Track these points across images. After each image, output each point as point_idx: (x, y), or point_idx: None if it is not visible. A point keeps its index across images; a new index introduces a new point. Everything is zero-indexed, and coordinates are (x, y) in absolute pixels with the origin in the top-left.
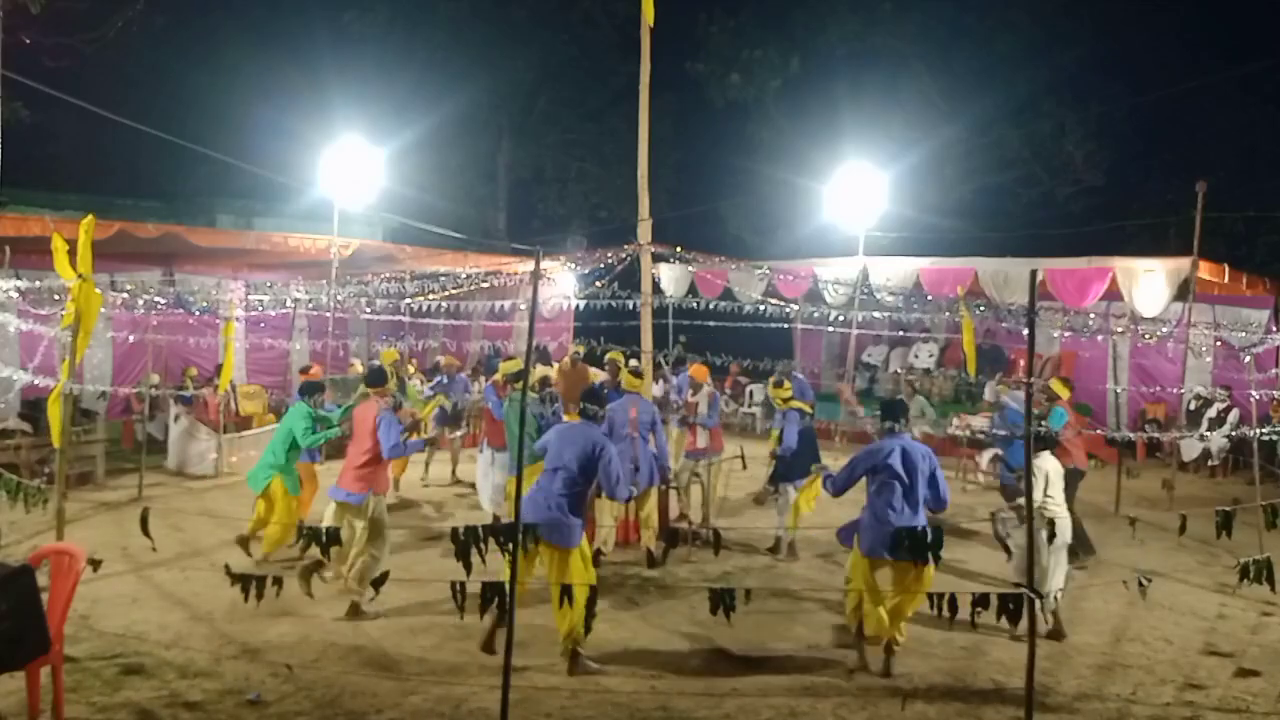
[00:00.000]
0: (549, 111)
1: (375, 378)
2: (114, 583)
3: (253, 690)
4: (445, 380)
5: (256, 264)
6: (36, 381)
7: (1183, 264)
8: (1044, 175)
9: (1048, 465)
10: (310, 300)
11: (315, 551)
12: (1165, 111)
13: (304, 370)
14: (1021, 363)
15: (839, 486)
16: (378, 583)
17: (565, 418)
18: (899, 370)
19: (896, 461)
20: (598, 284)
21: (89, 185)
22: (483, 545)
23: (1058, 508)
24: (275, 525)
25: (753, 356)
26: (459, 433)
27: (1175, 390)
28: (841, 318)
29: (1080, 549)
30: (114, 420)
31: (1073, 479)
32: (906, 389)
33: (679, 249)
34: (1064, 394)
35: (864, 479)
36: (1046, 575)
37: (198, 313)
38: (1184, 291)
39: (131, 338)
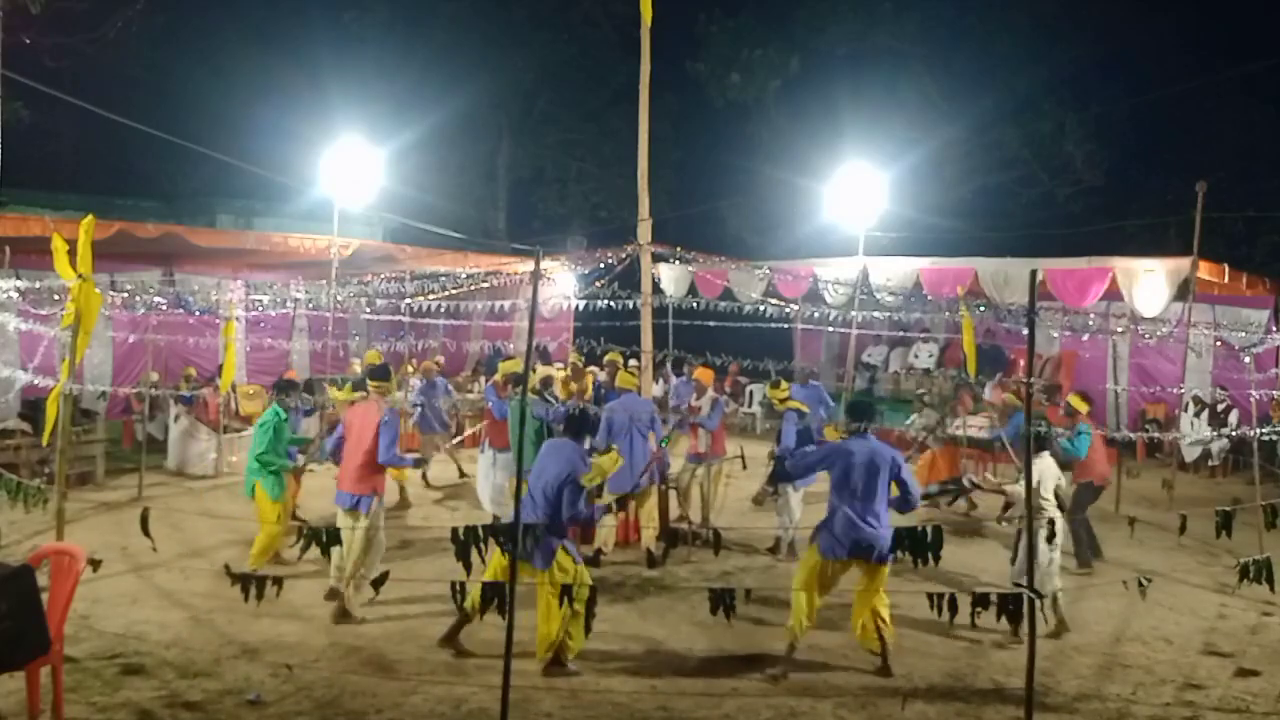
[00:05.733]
0: (549, 112)
1: (378, 373)
2: (114, 583)
3: (253, 690)
4: (426, 385)
5: (256, 264)
6: (36, 381)
7: (1183, 264)
8: (1044, 175)
9: (1043, 466)
10: (310, 300)
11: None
12: (1165, 111)
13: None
14: (1021, 363)
15: (796, 468)
16: (377, 583)
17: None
18: (899, 371)
19: (859, 464)
20: (598, 284)
21: (89, 185)
22: (483, 545)
23: (1053, 510)
24: (262, 535)
25: (753, 356)
26: (454, 438)
27: (1175, 390)
28: (841, 318)
29: (1091, 550)
30: (114, 420)
31: (1090, 494)
32: (917, 404)
33: (679, 249)
34: (1083, 408)
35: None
36: (1047, 577)
37: (198, 313)
38: (1184, 291)
39: (131, 338)
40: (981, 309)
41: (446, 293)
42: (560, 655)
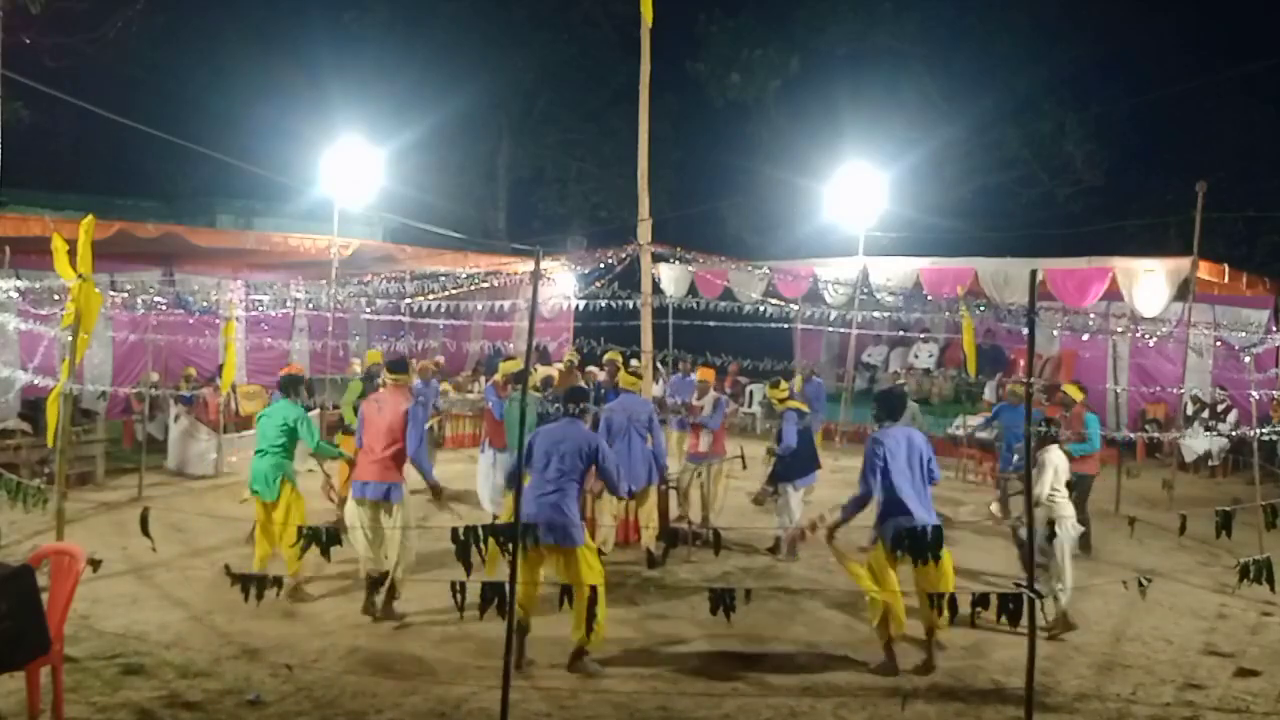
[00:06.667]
0: (549, 111)
1: (398, 365)
2: (114, 583)
3: (253, 690)
4: (421, 385)
5: (256, 264)
6: (36, 381)
7: (1183, 264)
8: (1044, 175)
9: (1055, 459)
10: (310, 300)
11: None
12: (1165, 111)
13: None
14: (1021, 363)
15: (865, 496)
16: (377, 582)
17: None
18: (898, 371)
19: (897, 453)
20: (598, 284)
21: (89, 185)
22: (483, 545)
23: (1064, 502)
24: (292, 535)
25: (753, 356)
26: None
27: (1175, 390)
28: (841, 318)
29: (1081, 548)
30: (114, 420)
31: (1084, 485)
32: None
33: (679, 249)
34: (1079, 396)
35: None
36: (1061, 572)
37: (198, 313)
38: (1184, 291)
39: (131, 338)
40: (981, 309)
41: (446, 293)
42: (583, 647)
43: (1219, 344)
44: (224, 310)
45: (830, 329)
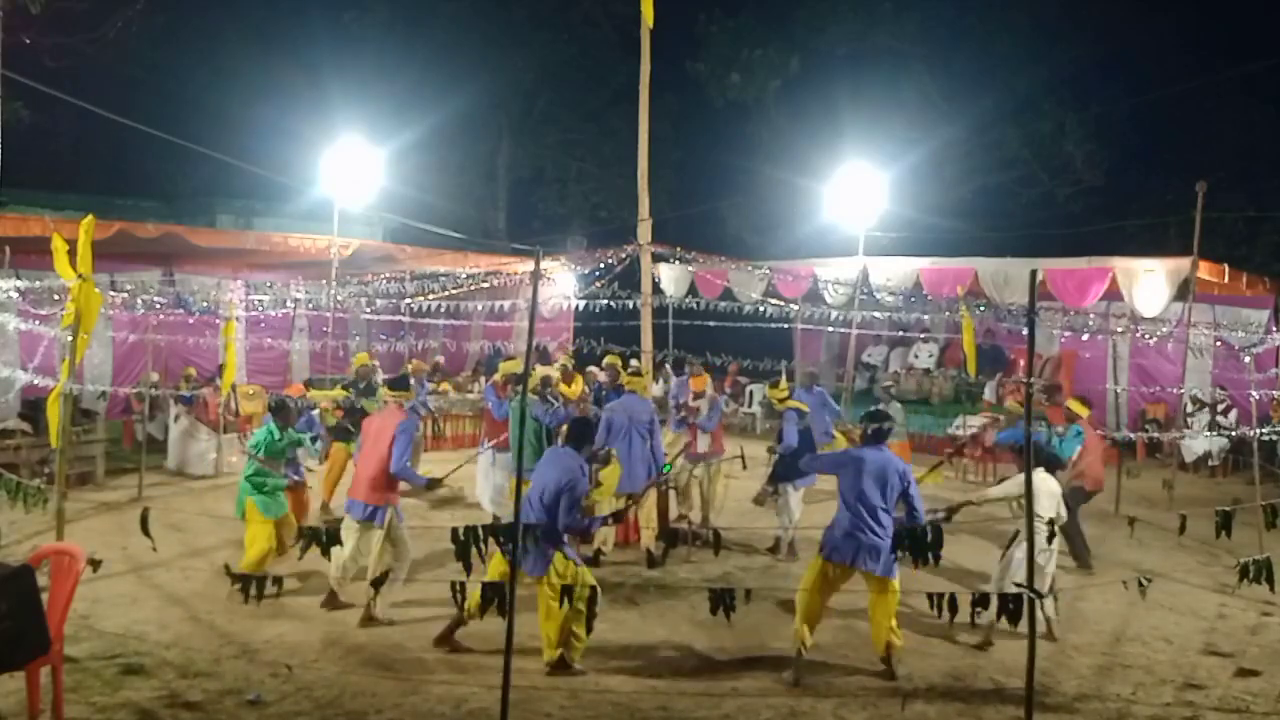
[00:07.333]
0: (549, 111)
1: (398, 383)
2: (114, 583)
3: (253, 690)
4: (415, 385)
5: (256, 264)
6: (36, 381)
7: (1183, 264)
8: (1044, 175)
9: (1040, 480)
10: (310, 300)
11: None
12: (1165, 111)
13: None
14: (1021, 363)
15: (811, 465)
16: (378, 583)
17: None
18: (898, 370)
19: (869, 473)
20: (598, 284)
21: (89, 185)
22: (483, 545)
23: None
24: (252, 550)
25: (753, 356)
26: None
27: (1175, 390)
28: (841, 318)
29: (1077, 558)
30: (114, 420)
31: (1080, 497)
32: (882, 393)
33: (679, 249)
34: (1083, 413)
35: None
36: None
37: (198, 313)
38: (1184, 291)
39: (131, 338)
40: (981, 309)
41: (446, 293)
42: (566, 656)
43: (1219, 344)
44: (224, 310)
45: (830, 329)
